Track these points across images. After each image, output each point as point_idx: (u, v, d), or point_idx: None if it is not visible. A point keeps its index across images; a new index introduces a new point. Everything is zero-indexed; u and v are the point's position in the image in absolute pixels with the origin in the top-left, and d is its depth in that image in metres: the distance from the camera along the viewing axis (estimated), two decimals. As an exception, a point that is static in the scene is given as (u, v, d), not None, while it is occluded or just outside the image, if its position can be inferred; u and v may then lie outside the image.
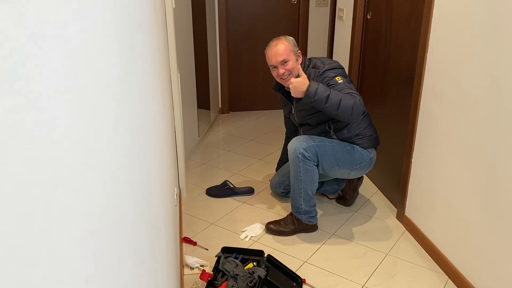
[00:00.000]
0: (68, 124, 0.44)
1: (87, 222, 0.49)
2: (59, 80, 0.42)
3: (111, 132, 0.61)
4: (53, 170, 0.40)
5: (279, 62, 2.18)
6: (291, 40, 2.24)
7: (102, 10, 0.60)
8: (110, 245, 0.58)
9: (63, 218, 0.42)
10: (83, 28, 0.51)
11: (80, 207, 0.47)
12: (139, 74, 0.92)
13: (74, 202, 0.45)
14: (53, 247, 0.39)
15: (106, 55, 0.61)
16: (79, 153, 0.47)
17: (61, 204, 0.41)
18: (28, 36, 0.36)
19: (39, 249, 0.36)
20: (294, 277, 1.92)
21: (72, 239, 0.44)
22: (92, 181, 0.51)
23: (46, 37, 0.39)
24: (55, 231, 0.40)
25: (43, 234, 0.37)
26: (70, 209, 0.44)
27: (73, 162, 0.45)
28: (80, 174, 0.47)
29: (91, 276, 0.49)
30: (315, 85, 2.03)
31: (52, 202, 0.39)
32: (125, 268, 0.67)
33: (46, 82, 0.39)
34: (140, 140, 0.89)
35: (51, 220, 0.39)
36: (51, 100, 0.40)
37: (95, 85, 0.54)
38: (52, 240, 0.39)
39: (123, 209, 0.67)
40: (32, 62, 0.36)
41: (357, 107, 2.02)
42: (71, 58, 0.46)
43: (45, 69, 0.39)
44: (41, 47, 0.38)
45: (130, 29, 0.83)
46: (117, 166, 0.65)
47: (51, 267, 0.38)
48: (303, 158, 2.17)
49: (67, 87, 0.44)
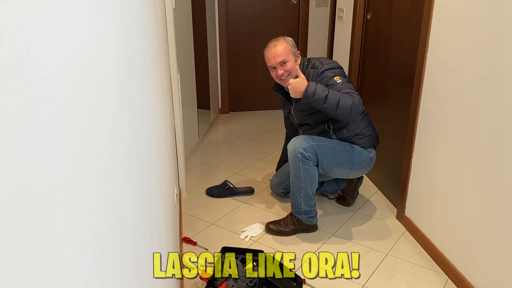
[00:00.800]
0: (68, 124, 0.44)
1: (87, 222, 0.49)
2: (59, 80, 0.42)
3: (111, 132, 0.61)
4: (53, 170, 0.40)
5: (278, 63, 2.18)
6: (290, 40, 2.24)
7: (102, 10, 0.60)
8: (110, 245, 0.58)
9: (63, 218, 0.42)
10: (83, 28, 0.51)
11: (80, 207, 0.47)
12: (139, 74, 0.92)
13: (74, 202, 0.45)
14: (53, 247, 0.39)
15: (106, 55, 0.61)
16: (79, 153, 0.47)
17: (61, 204, 0.41)
18: (28, 36, 0.36)
19: (39, 249, 0.36)
20: (294, 277, 1.92)
21: (72, 239, 0.44)
22: (92, 181, 0.51)
23: (46, 37, 0.39)
24: (55, 231, 0.40)
25: (43, 234, 0.37)
26: (70, 209, 0.44)
27: (72, 162, 0.45)
28: (80, 174, 0.47)
29: (91, 276, 0.49)
30: (314, 85, 2.03)
31: (52, 202, 0.39)
32: (125, 268, 0.67)
33: (46, 82, 0.39)
34: (140, 140, 0.89)
35: (51, 220, 0.39)
36: (51, 100, 0.40)
37: (95, 85, 0.54)
38: (52, 240, 0.39)
39: (123, 209, 0.67)
40: (32, 62, 0.36)
41: (355, 106, 2.02)
42: (71, 58, 0.46)
43: (45, 69, 0.39)
44: (41, 47, 0.38)
45: (130, 29, 0.83)
46: (117, 166, 0.65)
47: (51, 267, 0.38)
48: (302, 158, 2.17)
49: (67, 87, 0.44)
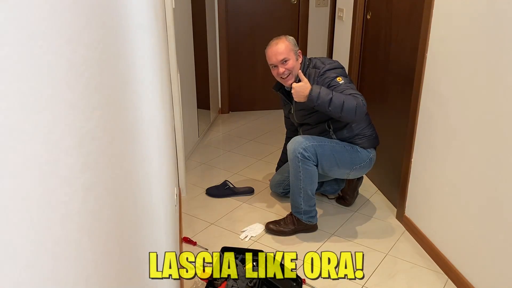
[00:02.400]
0: (68, 124, 0.44)
1: (87, 222, 0.49)
2: (59, 80, 0.42)
3: (111, 132, 0.61)
4: (53, 170, 0.40)
5: (279, 61, 2.18)
6: (291, 39, 2.24)
7: (101, 10, 0.60)
8: (110, 245, 0.58)
9: (63, 218, 0.42)
10: (83, 28, 0.51)
11: (80, 207, 0.47)
12: (138, 74, 0.92)
13: (74, 202, 0.45)
14: (53, 247, 0.39)
15: (106, 55, 0.61)
16: (79, 153, 0.47)
17: (61, 204, 0.41)
18: (28, 36, 0.36)
19: (39, 249, 0.36)
20: (294, 277, 1.92)
21: (72, 239, 0.44)
22: (92, 181, 0.51)
23: (45, 36, 0.39)
24: (55, 231, 0.40)
25: (43, 234, 0.37)
26: (70, 209, 0.44)
27: (73, 162, 0.45)
28: (80, 174, 0.47)
29: (91, 276, 0.49)
30: (317, 88, 2.03)
31: (52, 202, 0.39)
32: (125, 268, 0.67)
33: (45, 82, 0.39)
34: (140, 140, 0.89)
35: (51, 220, 0.39)
36: (51, 100, 0.40)
37: (95, 85, 0.54)
38: (52, 240, 0.39)
39: (123, 209, 0.67)
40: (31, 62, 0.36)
41: (360, 107, 2.02)
42: (71, 58, 0.46)
43: (45, 69, 0.39)
44: (41, 46, 0.38)
45: (130, 29, 0.84)
46: (117, 166, 0.65)
47: (51, 267, 0.38)
48: (302, 158, 2.17)
49: (69, 87, 0.44)
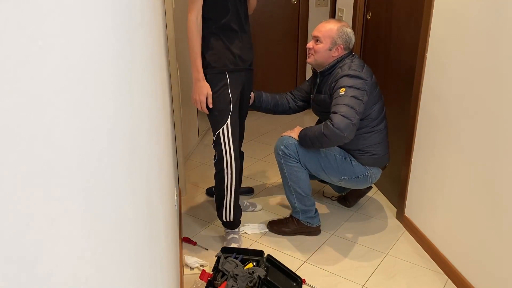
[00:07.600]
0: (68, 124, 0.44)
1: (87, 222, 0.49)
2: (59, 80, 0.42)
3: (111, 132, 0.61)
4: (52, 170, 0.40)
5: (313, 36, 2.16)
6: (343, 30, 2.11)
7: (102, 10, 0.60)
8: (110, 245, 0.58)
9: (62, 218, 0.42)
10: (82, 28, 0.51)
11: (80, 207, 0.47)
12: (138, 74, 0.92)
13: (74, 202, 0.45)
14: (53, 247, 0.39)
15: (106, 55, 0.61)
16: (78, 153, 0.47)
17: (61, 204, 0.41)
18: (28, 36, 0.36)
19: (39, 249, 0.36)
20: (294, 277, 1.92)
21: (72, 239, 0.44)
22: (92, 181, 0.51)
23: (45, 36, 0.39)
24: (55, 231, 0.40)
25: (43, 234, 0.37)
26: (70, 209, 0.44)
27: (72, 162, 0.45)
28: (80, 174, 0.47)
29: (91, 276, 0.49)
30: (302, 135, 2.12)
31: (52, 202, 0.39)
32: (125, 268, 0.67)
33: (46, 82, 0.39)
34: (140, 140, 0.89)
35: (50, 220, 0.39)
36: (50, 100, 0.40)
37: (95, 85, 0.54)
38: (52, 240, 0.39)
39: (123, 209, 0.67)
40: (31, 62, 0.36)
41: (333, 136, 1.94)
42: (70, 58, 0.46)
43: (45, 69, 0.39)
44: (41, 46, 0.38)
45: (130, 29, 0.84)
46: (117, 166, 0.64)
47: (51, 267, 0.38)
48: (283, 155, 2.17)
49: (66, 87, 0.44)
